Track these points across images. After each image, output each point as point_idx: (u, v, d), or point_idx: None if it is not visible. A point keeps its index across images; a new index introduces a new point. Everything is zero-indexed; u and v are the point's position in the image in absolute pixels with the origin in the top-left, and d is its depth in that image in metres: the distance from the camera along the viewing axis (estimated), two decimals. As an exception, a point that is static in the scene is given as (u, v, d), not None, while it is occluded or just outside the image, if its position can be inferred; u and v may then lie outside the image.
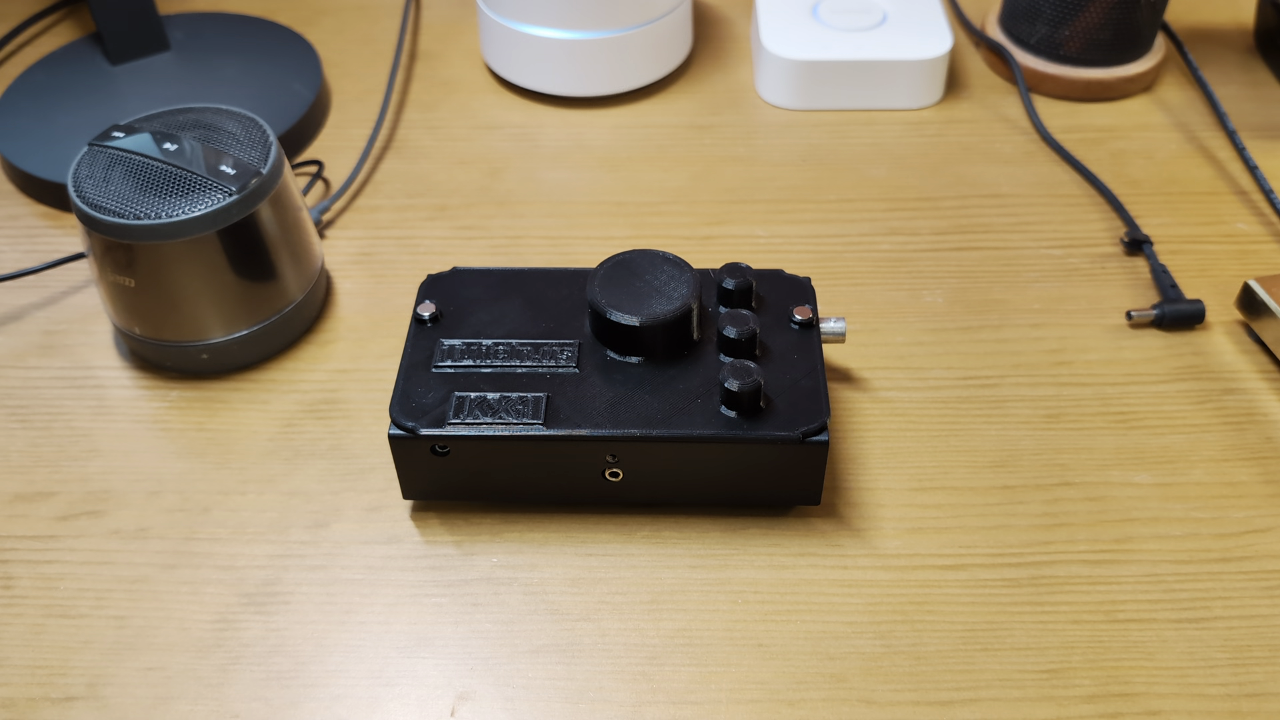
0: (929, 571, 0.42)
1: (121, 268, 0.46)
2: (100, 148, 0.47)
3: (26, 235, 0.58)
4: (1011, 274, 0.54)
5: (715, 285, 0.45)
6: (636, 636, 0.40)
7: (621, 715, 0.38)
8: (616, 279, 0.43)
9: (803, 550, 0.43)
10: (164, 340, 0.48)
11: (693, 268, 0.44)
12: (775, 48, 0.63)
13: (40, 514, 0.45)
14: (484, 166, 0.61)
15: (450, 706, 0.39)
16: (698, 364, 0.42)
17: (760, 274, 0.46)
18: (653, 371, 0.42)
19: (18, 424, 0.48)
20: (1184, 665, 0.39)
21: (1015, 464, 0.46)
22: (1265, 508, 0.44)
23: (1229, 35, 0.70)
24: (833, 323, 0.45)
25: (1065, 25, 0.64)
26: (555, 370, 0.42)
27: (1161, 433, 0.47)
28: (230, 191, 0.45)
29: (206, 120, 0.48)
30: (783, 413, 0.41)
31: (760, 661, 0.40)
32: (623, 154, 0.62)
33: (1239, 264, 0.55)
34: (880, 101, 0.64)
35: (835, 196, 0.59)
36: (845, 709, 0.38)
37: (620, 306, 0.42)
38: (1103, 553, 0.43)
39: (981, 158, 0.61)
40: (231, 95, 0.62)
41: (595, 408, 0.41)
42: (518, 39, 0.63)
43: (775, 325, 0.44)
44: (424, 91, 0.67)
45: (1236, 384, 0.49)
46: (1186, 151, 0.61)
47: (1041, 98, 0.65)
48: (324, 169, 0.60)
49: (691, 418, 0.40)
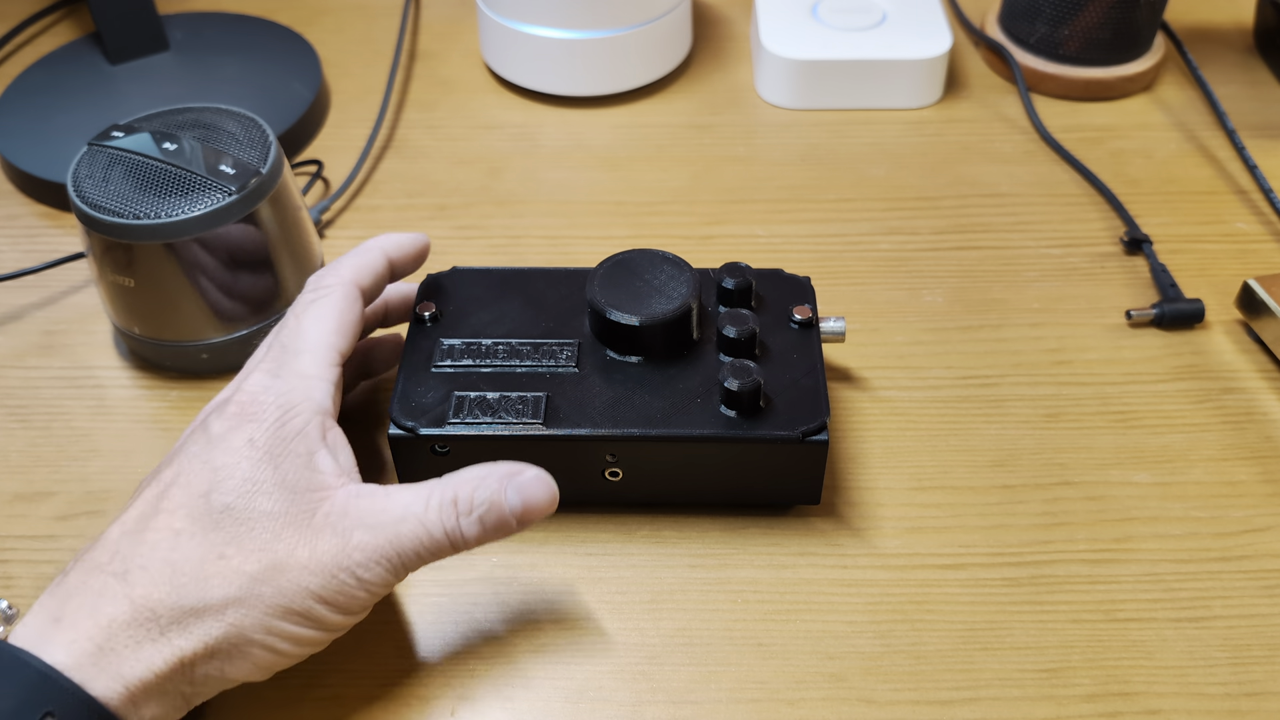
0: (929, 571, 0.42)
1: (121, 267, 0.46)
2: (100, 147, 0.47)
3: (26, 235, 0.58)
4: (1011, 273, 0.54)
5: (715, 285, 0.45)
6: (636, 636, 0.40)
7: (621, 715, 0.38)
8: (616, 278, 0.43)
9: (802, 550, 0.43)
10: (164, 340, 0.48)
11: (692, 267, 0.44)
12: (775, 47, 0.63)
13: (40, 514, 0.45)
14: (483, 166, 0.61)
15: (450, 706, 0.39)
16: (697, 363, 0.42)
17: (760, 274, 0.46)
18: (652, 371, 0.42)
19: (17, 424, 0.48)
20: (1183, 664, 0.39)
21: (1015, 463, 0.46)
22: (1264, 507, 0.44)
23: (1228, 35, 0.70)
24: (832, 322, 0.45)
25: (1065, 24, 0.64)
26: (555, 370, 0.42)
27: (1161, 432, 0.47)
28: (230, 191, 0.45)
29: (206, 120, 0.48)
30: (782, 412, 0.41)
31: (760, 661, 0.40)
32: (622, 153, 0.62)
33: (1238, 263, 0.55)
34: (880, 101, 0.64)
35: (835, 196, 0.59)
36: (845, 708, 0.38)
37: (620, 306, 0.42)
38: (1102, 552, 0.43)
39: (981, 157, 0.61)
40: (231, 95, 0.62)
41: (595, 407, 0.41)
42: (517, 39, 0.63)
43: (775, 325, 0.44)
44: (423, 91, 0.67)
45: (1236, 383, 0.49)
46: (1186, 151, 0.61)
47: (1041, 97, 0.65)
48: (323, 168, 0.60)
49: (691, 417, 0.40)
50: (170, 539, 0.34)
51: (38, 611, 0.34)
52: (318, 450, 0.37)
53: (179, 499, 0.35)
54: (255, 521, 0.35)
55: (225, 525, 0.35)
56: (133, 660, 0.33)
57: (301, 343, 0.39)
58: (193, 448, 0.37)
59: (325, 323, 0.40)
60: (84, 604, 0.33)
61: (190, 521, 0.35)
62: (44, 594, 0.34)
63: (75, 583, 0.34)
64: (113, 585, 0.33)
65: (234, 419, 0.37)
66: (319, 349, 0.39)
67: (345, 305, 0.40)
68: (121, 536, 0.35)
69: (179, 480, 0.36)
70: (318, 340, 0.39)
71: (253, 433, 0.36)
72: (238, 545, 0.34)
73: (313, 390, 0.38)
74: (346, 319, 0.40)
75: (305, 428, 0.37)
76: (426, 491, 0.36)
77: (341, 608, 0.35)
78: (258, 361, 0.39)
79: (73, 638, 0.32)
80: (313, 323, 0.40)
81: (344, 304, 0.40)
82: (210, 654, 0.34)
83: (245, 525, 0.35)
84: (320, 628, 0.35)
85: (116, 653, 0.32)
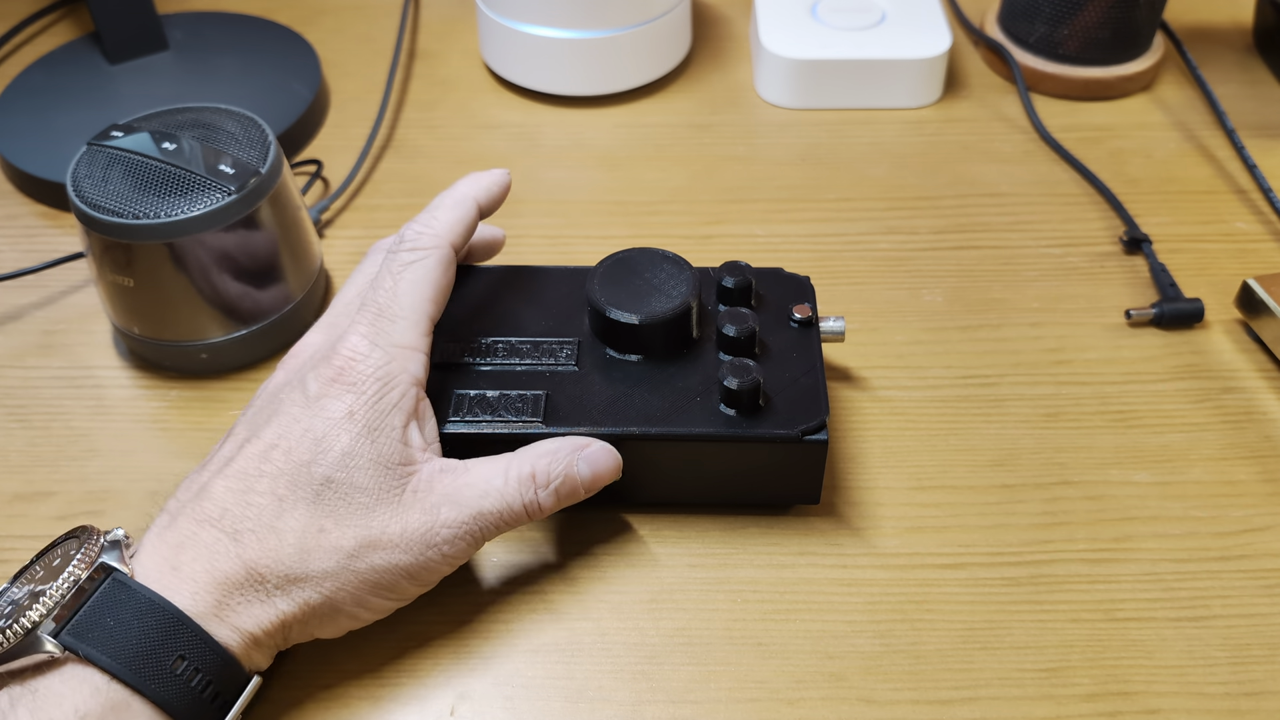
0: (928, 570, 0.42)
1: (120, 267, 0.46)
2: (99, 147, 0.47)
3: (25, 235, 0.58)
4: (1010, 273, 0.54)
5: (715, 284, 0.45)
6: (636, 635, 0.40)
7: (621, 714, 0.38)
8: (616, 277, 0.43)
9: (802, 549, 0.43)
10: (163, 340, 0.48)
11: (692, 266, 0.44)
12: (774, 47, 0.63)
13: (39, 514, 0.45)
14: (483, 166, 0.61)
15: (449, 706, 0.39)
16: (697, 362, 0.42)
17: (759, 272, 0.46)
18: (652, 369, 0.42)
19: (17, 424, 0.48)
20: (1183, 664, 0.39)
21: (1014, 463, 0.46)
22: (1264, 506, 0.44)
23: (1228, 34, 0.70)
24: (832, 322, 0.45)
25: (1064, 24, 0.64)
26: (555, 368, 0.42)
27: (1160, 431, 0.47)
28: (229, 191, 0.45)
29: (205, 120, 0.48)
30: (782, 411, 0.41)
31: (759, 660, 0.40)
32: (622, 153, 0.62)
33: (1238, 263, 0.55)
34: (879, 100, 0.64)
35: (834, 195, 0.59)
36: (844, 708, 0.38)
37: (620, 304, 0.42)
38: (1102, 551, 0.43)
39: (980, 157, 0.61)
40: (230, 94, 0.62)
41: (594, 405, 0.41)
42: (517, 38, 0.63)
43: (775, 324, 0.44)
44: (423, 91, 0.67)
45: (1235, 383, 0.49)
46: (1185, 150, 0.61)
47: (1040, 96, 0.65)
48: (323, 168, 0.60)
49: (691, 416, 0.40)
50: (275, 505, 0.36)
51: (151, 554, 0.35)
52: (410, 424, 0.38)
53: (281, 464, 0.37)
54: (352, 496, 0.36)
55: (325, 497, 0.36)
56: (245, 615, 0.35)
57: (399, 309, 0.39)
58: (293, 409, 0.38)
59: (423, 289, 0.39)
60: (199, 556, 0.35)
61: (293, 489, 0.36)
62: (151, 535, 0.36)
63: (187, 532, 0.36)
64: (225, 543, 0.35)
65: (332, 384, 0.38)
66: (415, 317, 0.39)
67: (441, 270, 0.40)
68: (227, 493, 0.36)
69: (281, 444, 0.37)
70: (414, 308, 0.39)
71: (352, 404, 0.37)
72: (335, 519, 0.36)
73: (409, 363, 0.38)
74: (442, 284, 0.40)
75: (401, 401, 0.38)
76: (504, 466, 0.38)
77: (423, 581, 0.38)
78: (349, 318, 0.40)
79: (194, 589, 0.35)
80: (410, 288, 0.39)
81: (440, 269, 0.40)
82: (306, 618, 0.36)
83: (344, 499, 0.36)
84: (400, 598, 0.38)
85: (232, 607, 0.35)
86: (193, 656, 0.33)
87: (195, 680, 0.33)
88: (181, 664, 0.33)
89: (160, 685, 0.33)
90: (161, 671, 0.33)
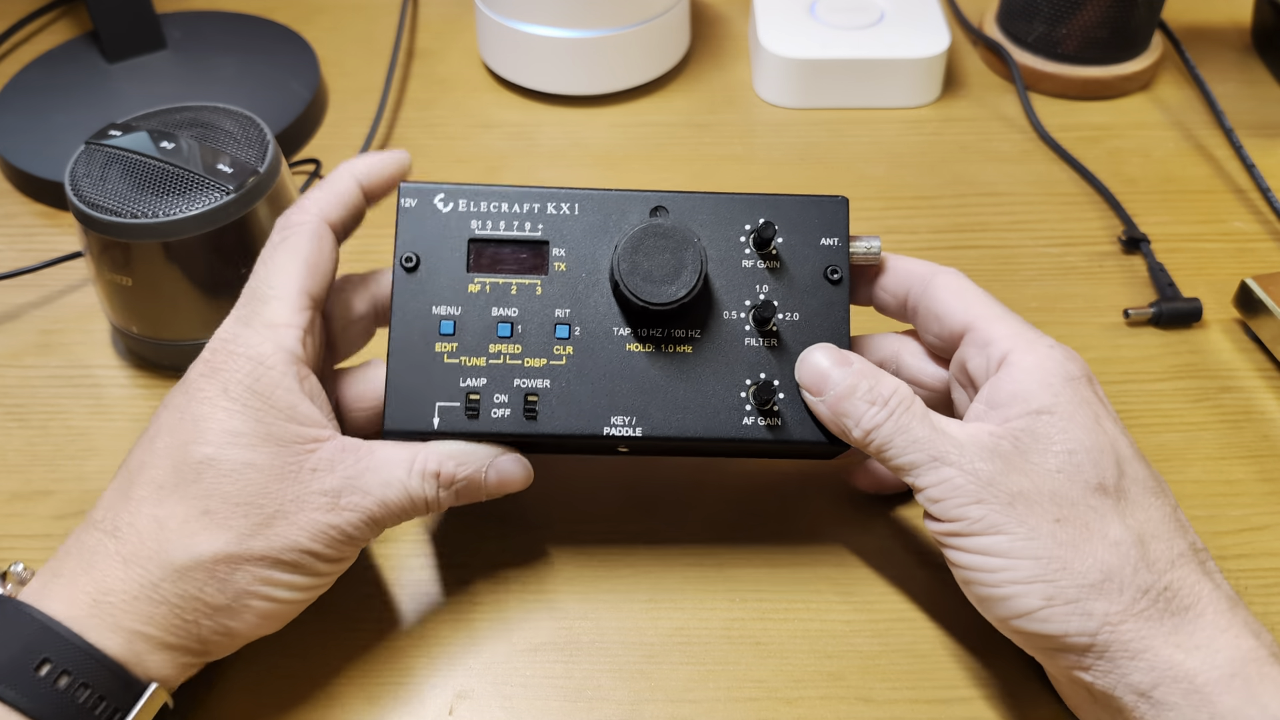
0: (927, 569, 0.42)
1: (119, 266, 0.46)
2: (97, 146, 0.47)
3: (23, 234, 0.58)
4: (1009, 272, 0.54)
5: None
6: (635, 635, 0.40)
7: (619, 713, 0.38)
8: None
9: (800, 549, 0.43)
10: (161, 339, 0.48)
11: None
12: (773, 46, 0.63)
13: (37, 513, 0.45)
14: (482, 165, 0.61)
15: (449, 705, 0.39)
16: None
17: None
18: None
19: (15, 423, 0.48)
20: (1181, 663, 0.39)
21: (1013, 462, 0.46)
22: (1262, 506, 0.44)
23: (1226, 34, 0.70)
24: (865, 242, 0.42)
25: (1063, 23, 0.64)
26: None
27: (1159, 431, 0.47)
28: (227, 190, 0.45)
29: (204, 119, 0.48)
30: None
31: (758, 660, 0.40)
32: (620, 152, 0.62)
33: (1236, 262, 0.55)
34: (878, 100, 0.64)
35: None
36: (843, 707, 0.38)
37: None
38: (1100, 551, 0.42)
39: (979, 156, 0.61)
40: (229, 94, 0.62)
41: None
42: (516, 37, 0.63)
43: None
44: (422, 90, 0.67)
45: (1233, 382, 0.49)
46: (1184, 150, 0.61)
47: (1039, 96, 0.65)
48: (321, 167, 0.60)
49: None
50: (154, 493, 0.35)
51: (42, 571, 0.35)
52: (299, 401, 0.36)
53: (163, 451, 0.36)
54: (238, 473, 0.35)
55: (207, 476, 0.35)
56: (130, 613, 0.34)
57: (269, 289, 0.38)
58: (175, 399, 0.37)
59: (293, 266, 0.38)
60: (80, 560, 0.35)
61: (172, 473, 0.35)
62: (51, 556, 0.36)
63: (73, 541, 0.36)
64: (105, 542, 0.35)
65: (208, 367, 0.37)
66: (288, 295, 0.38)
67: (313, 245, 0.39)
68: (113, 492, 0.36)
69: (161, 432, 0.36)
70: (285, 285, 0.38)
71: (225, 382, 0.36)
72: (221, 498, 0.35)
73: (283, 339, 0.37)
74: (315, 259, 0.39)
75: (282, 379, 0.36)
76: (410, 457, 0.37)
77: (331, 559, 0.37)
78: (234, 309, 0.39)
79: (69, 594, 0.34)
80: (280, 266, 0.38)
81: (311, 244, 0.39)
82: (209, 609, 0.35)
83: (228, 477, 0.35)
84: (313, 574, 0.36)
85: (111, 605, 0.34)
86: (59, 660, 0.32)
87: (65, 684, 0.32)
88: (46, 667, 0.32)
89: (19, 691, 0.32)
90: (24, 677, 0.32)
